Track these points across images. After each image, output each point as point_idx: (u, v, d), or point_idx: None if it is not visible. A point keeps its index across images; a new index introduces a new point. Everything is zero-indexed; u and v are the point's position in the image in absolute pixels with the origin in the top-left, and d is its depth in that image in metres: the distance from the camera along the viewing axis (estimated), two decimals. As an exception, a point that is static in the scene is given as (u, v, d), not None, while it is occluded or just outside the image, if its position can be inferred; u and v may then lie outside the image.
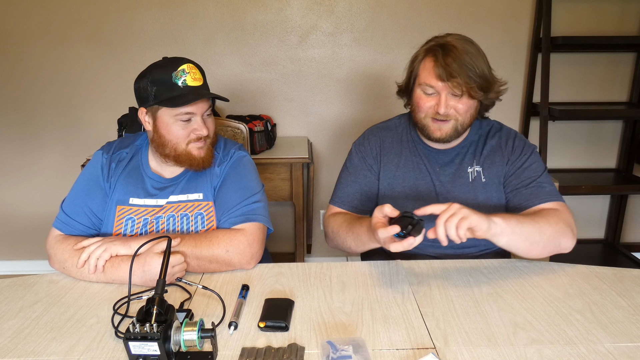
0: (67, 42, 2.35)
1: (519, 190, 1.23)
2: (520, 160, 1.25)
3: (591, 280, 1.07)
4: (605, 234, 2.74)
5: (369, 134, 1.37)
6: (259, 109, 2.49)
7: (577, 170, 2.58)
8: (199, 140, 1.19)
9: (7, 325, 0.91)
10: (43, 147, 2.52)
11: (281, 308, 0.93)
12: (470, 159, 1.28)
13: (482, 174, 1.27)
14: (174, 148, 1.18)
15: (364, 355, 0.80)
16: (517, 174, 1.24)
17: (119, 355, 0.82)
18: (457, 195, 1.26)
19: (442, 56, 1.14)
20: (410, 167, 1.30)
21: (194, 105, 1.15)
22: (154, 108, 1.17)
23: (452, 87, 1.14)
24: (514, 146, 1.27)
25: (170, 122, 1.16)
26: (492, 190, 1.26)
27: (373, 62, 2.42)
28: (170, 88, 1.13)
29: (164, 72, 1.14)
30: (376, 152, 1.33)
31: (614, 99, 2.50)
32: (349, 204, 1.33)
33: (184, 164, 1.21)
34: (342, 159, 1.38)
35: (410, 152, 1.31)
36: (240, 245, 1.11)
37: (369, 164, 1.33)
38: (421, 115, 1.22)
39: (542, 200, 1.19)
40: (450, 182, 1.28)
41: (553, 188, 1.23)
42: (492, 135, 1.30)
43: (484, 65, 1.15)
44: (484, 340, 0.85)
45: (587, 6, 2.34)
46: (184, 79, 1.14)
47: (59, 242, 1.13)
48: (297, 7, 2.34)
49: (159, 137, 1.18)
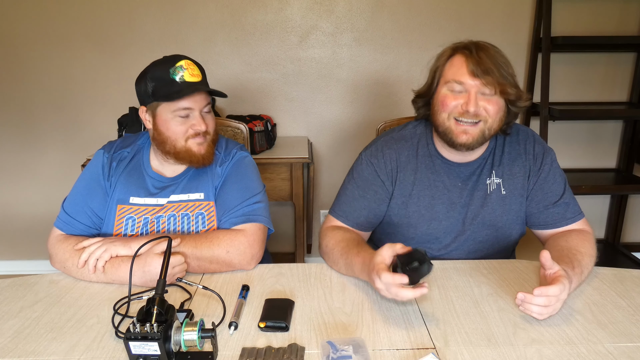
0: (67, 42, 2.35)
1: (547, 208, 1.18)
2: (544, 170, 1.18)
3: (591, 280, 1.07)
4: (605, 234, 2.74)
5: (383, 147, 1.22)
6: (259, 109, 2.49)
7: (577, 170, 2.58)
8: (197, 136, 1.18)
9: (7, 325, 0.91)
10: (43, 147, 2.52)
11: (281, 308, 0.93)
12: (489, 170, 1.20)
13: (502, 186, 1.19)
14: (174, 145, 1.18)
15: (364, 355, 0.80)
16: (543, 188, 1.19)
17: (119, 355, 0.82)
18: (474, 210, 1.19)
19: (475, 52, 1.07)
20: (425, 185, 1.20)
21: (191, 99, 1.15)
22: (153, 105, 1.17)
23: (483, 85, 1.05)
24: (534, 153, 1.19)
25: (168, 119, 1.16)
26: (512, 202, 1.19)
27: (373, 62, 2.42)
28: (168, 84, 1.14)
29: (162, 69, 1.14)
30: (391, 167, 1.20)
31: (614, 99, 2.50)
32: (354, 221, 1.22)
33: (184, 161, 1.20)
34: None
35: (427, 168, 1.20)
36: (240, 246, 1.11)
37: (382, 180, 1.21)
38: (444, 116, 1.11)
39: (569, 221, 1.18)
40: (468, 196, 1.19)
41: (575, 202, 1.20)
42: (511, 138, 1.21)
43: (512, 69, 1.10)
44: (484, 340, 0.85)
45: (587, 6, 2.34)
46: (182, 74, 1.14)
47: (60, 241, 1.13)
48: (297, 7, 2.34)
49: (159, 135, 1.18)
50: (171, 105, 1.15)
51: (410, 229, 1.22)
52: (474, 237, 1.21)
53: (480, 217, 1.20)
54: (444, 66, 1.12)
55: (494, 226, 1.20)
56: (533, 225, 1.23)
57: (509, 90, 1.07)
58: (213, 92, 1.19)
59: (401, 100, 2.45)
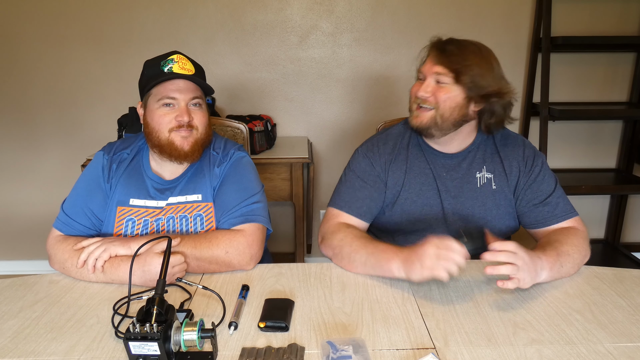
0: (67, 42, 2.35)
1: (537, 206, 1.21)
2: (534, 172, 1.22)
3: (591, 281, 1.07)
4: (605, 234, 2.74)
5: (378, 142, 1.30)
6: (259, 109, 2.49)
7: (577, 170, 2.58)
8: (181, 128, 1.16)
9: (7, 325, 0.91)
10: (43, 147, 2.52)
11: (281, 308, 0.93)
12: (480, 164, 1.25)
13: (493, 181, 1.23)
14: (158, 136, 1.17)
15: (364, 355, 0.80)
16: (532, 188, 1.22)
17: (119, 355, 0.82)
18: (464, 202, 1.23)
19: (442, 42, 1.16)
20: (416, 173, 1.26)
21: (175, 89, 1.15)
22: (145, 98, 1.20)
23: (439, 73, 1.13)
24: (525, 156, 1.24)
25: (154, 109, 1.17)
26: (502, 198, 1.23)
27: (373, 62, 2.42)
28: (157, 75, 1.15)
29: (155, 63, 1.18)
30: (384, 159, 1.27)
31: (614, 99, 2.50)
32: (357, 210, 1.24)
33: (166, 155, 1.18)
34: (343, 158, 1.38)
35: (416, 158, 1.27)
36: (239, 246, 1.11)
37: (377, 171, 1.27)
38: (411, 101, 1.22)
39: (560, 219, 1.20)
40: (458, 188, 1.24)
41: (567, 201, 1.22)
42: (501, 140, 1.26)
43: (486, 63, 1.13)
44: (484, 340, 0.85)
45: (587, 6, 2.34)
46: (171, 66, 1.16)
47: (59, 242, 1.13)
48: (297, 7, 2.34)
49: (146, 126, 1.19)
50: (157, 94, 1.16)
51: (404, 216, 1.26)
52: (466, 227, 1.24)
53: (470, 209, 1.24)
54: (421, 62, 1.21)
55: (484, 219, 1.24)
56: (526, 225, 1.26)
57: (463, 77, 1.11)
58: (199, 83, 1.19)
59: (401, 100, 2.45)
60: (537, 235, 1.24)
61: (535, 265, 0.98)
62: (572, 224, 1.20)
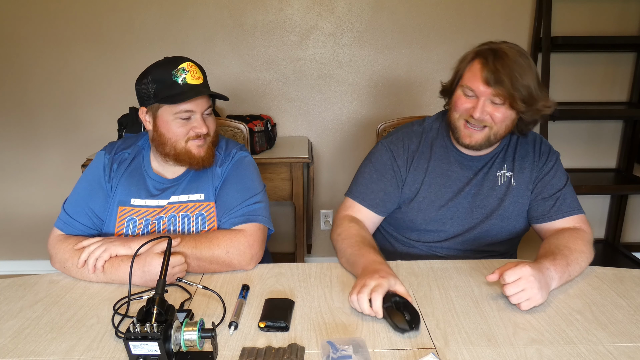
0: (67, 42, 2.35)
1: (545, 200, 1.23)
2: (547, 166, 1.25)
3: (591, 281, 1.07)
4: (605, 234, 2.74)
5: (403, 137, 1.31)
6: (259, 109, 2.49)
7: (577, 170, 2.58)
8: (198, 138, 1.18)
9: (7, 325, 0.91)
10: (43, 147, 2.52)
11: (281, 308, 0.93)
12: (500, 163, 1.27)
13: (513, 179, 1.25)
14: (174, 146, 1.18)
15: (364, 355, 0.80)
16: (543, 181, 1.24)
17: (119, 355, 0.82)
18: (483, 200, 1.25)
19: (492, 60, 1.10)
20: (438, 173, 1.27)
21: (193, 102, 1.15)
22: (154, 107, 1.17)
23: (494, 95, 1.11)
24: (541, 151, 1.27)
25: (169, 120, 1.16)
26: (520, 195, 1.25)
27: (373, 62, 2.42)
28: (170, 86, 1.13)
29: (165, 71, 1.14)
30: (407, 155, 1.29)
31: (614, 99, 2.50)
32: (370, 202, 1.27)
33: (184, 163, 1.21)
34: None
35: (440, 159, 1.28)
36: (240, 246, 1.11)
37: (398, 165, 1.28)
38: (456, 116, 1.19)
39: (565, 214, 1.21)
40: (478, 186, 1.26)
41: (575, 199, 1.24)
42: (520, 138, 1.28)
43: (533, 79, 1.11)
44: (484, 340, 0.85)
45: (587, 6, 2.34)
46: (184, 77, 1.14)
47: (60, 242, 1.13)
48: (297, 7, 2.34)
49: (159, 136, 1.18)
50: (173, 108, 1.15)
51: (419, 214, 1.27)
52: (481, 227, 1.26)
53: (489, 207, 1.25)
54: (464, 70, 1.18)
55: (501, 215, 1.25)
56: (532, 219, 1.26)
57: (517, 103, 1.10)
58: (215, 95, 1.19)
59: (401, 100, 2.45)
60: (542, 231, 1.25)
61: (546, 277, 0.97)
62: (578, 224, 1.20)
